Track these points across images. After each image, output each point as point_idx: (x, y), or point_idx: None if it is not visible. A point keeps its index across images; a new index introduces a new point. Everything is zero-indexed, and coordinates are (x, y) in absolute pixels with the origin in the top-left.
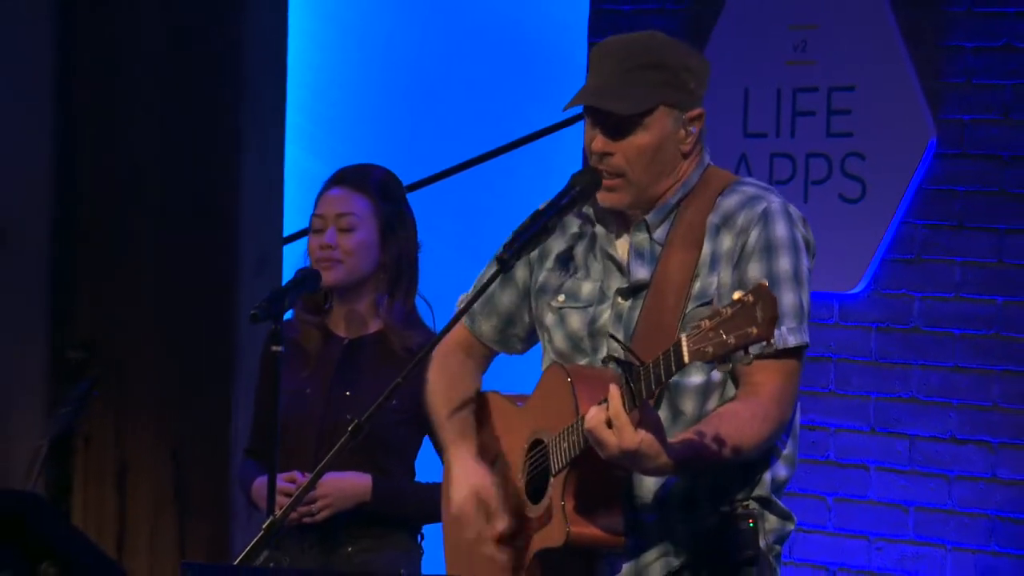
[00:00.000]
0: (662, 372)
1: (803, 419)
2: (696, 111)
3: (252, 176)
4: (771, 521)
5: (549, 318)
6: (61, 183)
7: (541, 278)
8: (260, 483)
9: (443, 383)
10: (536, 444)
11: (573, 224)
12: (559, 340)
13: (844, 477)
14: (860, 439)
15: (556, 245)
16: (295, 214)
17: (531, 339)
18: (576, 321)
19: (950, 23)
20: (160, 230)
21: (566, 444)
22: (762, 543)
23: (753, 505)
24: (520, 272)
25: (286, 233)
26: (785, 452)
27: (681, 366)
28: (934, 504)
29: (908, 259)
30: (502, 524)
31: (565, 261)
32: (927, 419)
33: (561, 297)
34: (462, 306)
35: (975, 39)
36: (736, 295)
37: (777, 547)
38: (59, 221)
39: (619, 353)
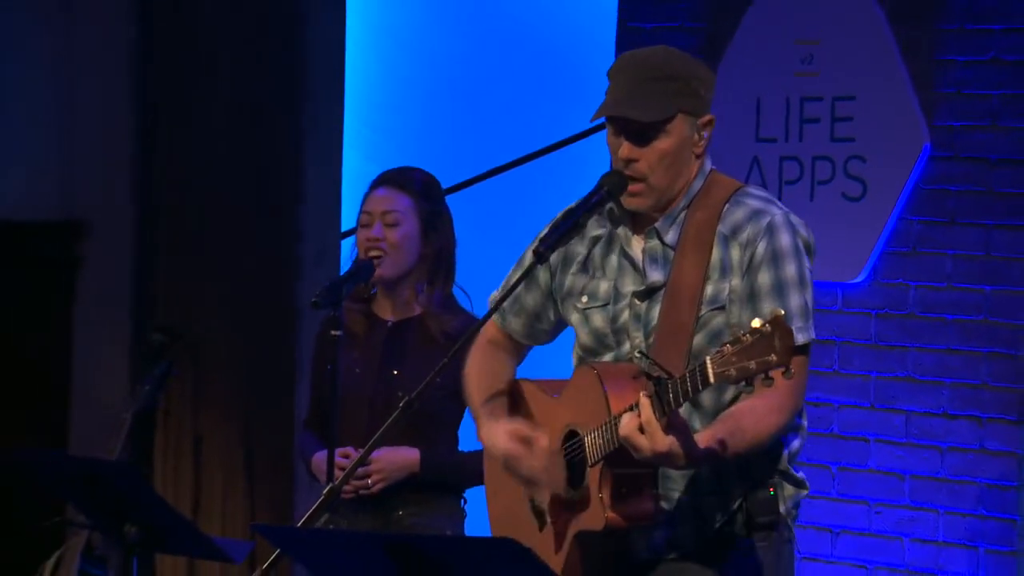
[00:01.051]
0: (688, 388)
1: (809, 396)
2: (707, 117)
3: (313, 177)
4: (788, 489)
5: (575, 318)
6: (142, 182)
7: (567, 283)
8: (319, 457)
9: (478, 374)
10: (572, 435)
11: (593, 229)
12: (585, 337)
13: (846, 448)
14: (861, 414)
15: (577, 251)
16: (351, 212)
17: (556, 332)
18: (599, 319)
19: (943, 39)
20: (231, 226)
21: (601, 440)
22: (782, 508)
23: (775, 478)
24: (543, 275)
25: (343, 229)
26: (800, 427)
27: (707, 385)
28: (928, 473)
29: (905, 252)
30: (544, 442)
31: (585, 265)
32: (922, 396)
33: (584, 299)
34: (495, 301)
35: (965, 53)
36: (755, 323)
37: (794, 511)
38: (140, 217)
39: (651, 369)
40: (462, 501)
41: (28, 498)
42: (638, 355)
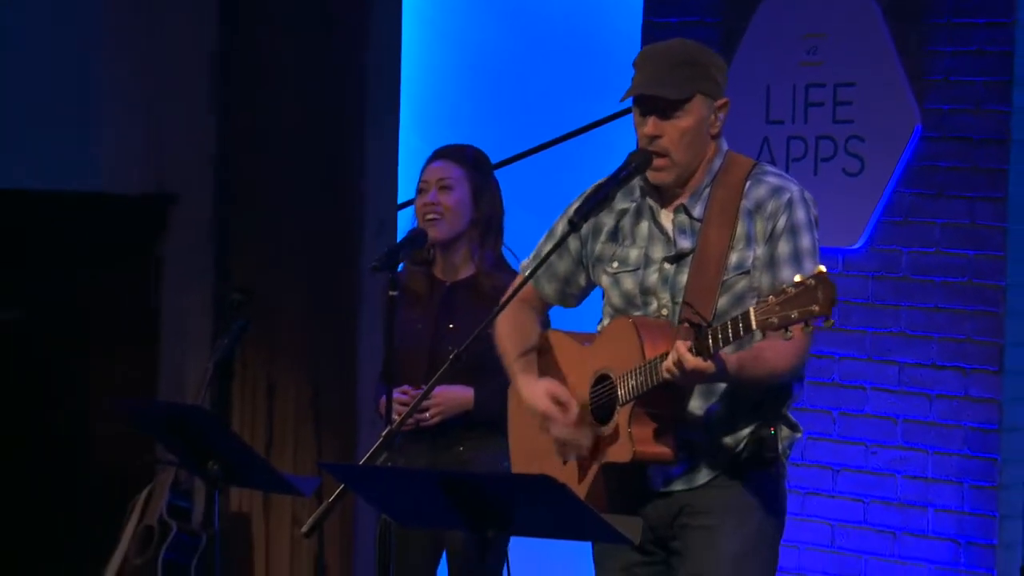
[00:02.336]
0: (730, 334)
1: (812, 349)
2: (723, 100)
3: (373, 155)
4: (785, 431)
5: (605, 281)
6: (221, 159)
7: (597, 250)
8: (384, 400)
9: (511, 330)
10: (602, 379)
11: (620, 203)
12: (615, 298)
13: (846, 396)
14: (859, 365)
15: (606, 222)
16: (407, 186)
17: (583, 295)
18: (629, 283)
19: (932, 32)
20: (301, 198)
21: (634, 382)
22: (780, 447)
23: (776, 420)
24: (573, 244)
25: (400, 201)
26: (801, 376)
27: (749, 331)
28: (918, 417)
29: (898, 221)
30: (575, 409)
31: (614, 234)
32: (913, 349)
33: (615, 264)
34: (527, 268)
35: (952, 45)
36: (798, 278)
37: (788, 450)
38: (221, 190)
39: (693, 317)
40: None
41: (125, 439)
42: (665, 311)
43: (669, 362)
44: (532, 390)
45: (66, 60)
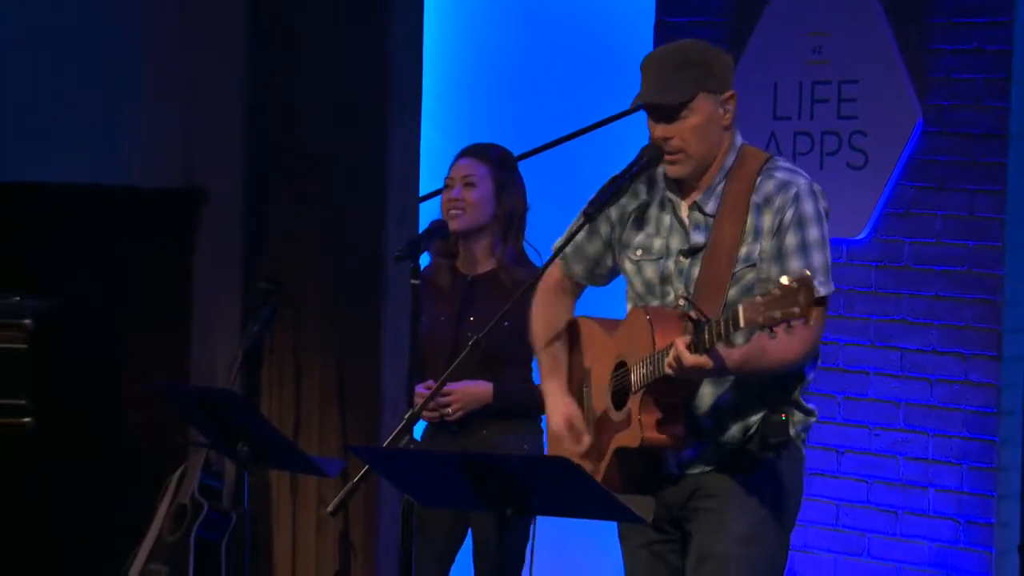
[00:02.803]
0: (722, 331)
1: None
2: (729, 93)
3: (396, 149)
4: (798, 416)
5: (628, 267)
6: (251, 154)
7: (623, 236)
8: (416, 390)
9: (541, 318)
10: (621, 365)
11: (645, 192)
12: (637, 285)
13: (850, 380)
14: (862, 351)
15: (634, 210)
16: (428, 179)
17: (611, 276)
18: (650, 271)
19: (933, 31)
20: (326, 192)
21: (644, 371)
22: (792, 431)
23: (786, 406)
24: (603, 227)
25: (421, 193)
26: (813, 363)
27: (738, 328)
28: (920, 401)
29: (900, 213)
30: (587, 441)
31: (640, 221)
32: (914, 336)
33: (639, 251)
34: (557, 248)
35: (953, 43)
36: (784, 280)
37: (803, 434)
38: (250, 184)
39: (692, 312)
40: (539, 423)
41: (159, 422)
42: (683, 301)
43: (670, 358)
44: (554, 403)
45: (106, 62)
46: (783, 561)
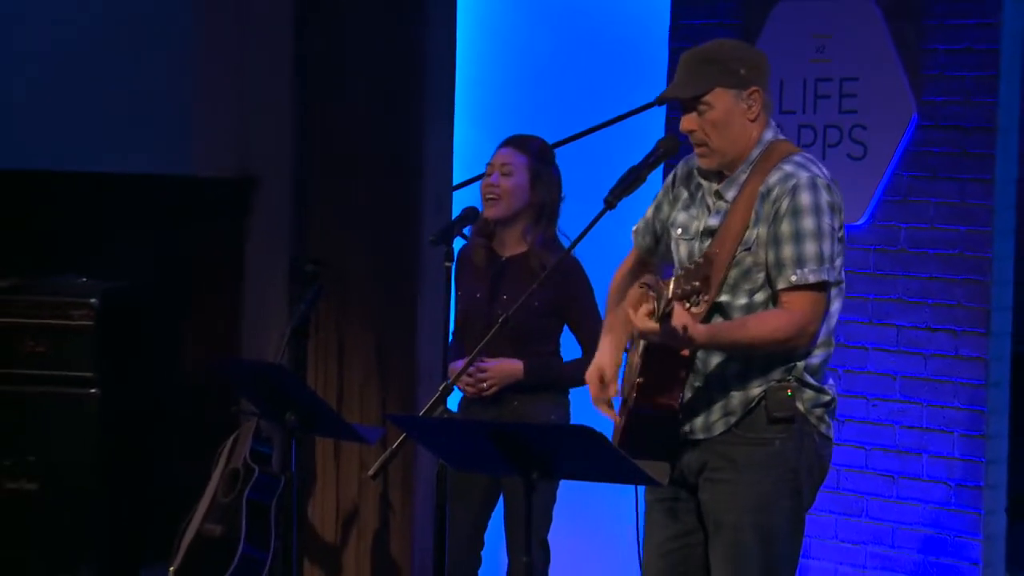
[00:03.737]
0: (663, 304)
1: None
2: (751, 89)
3: (432, 141)
4: (807, 393)
5: (672, 244)
6: (299, 144)
7: (672, 216)
8: (451, 366)
9: (614, 286)
10: None
11: (694, 178)
12: (677, 261)
13: (850, 355)
14: (861, 328)
15: (682, 193)
16: (461, 168)
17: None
18: (684, 249)
19: (928, 32)
20: (368, 179)
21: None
22: (800, 407)
23: (792, 382)
24: (665, 207)
25: (455, 182)
26: (818, 345)
27: (668, 299)
28: (914, 374)
29: (897, 200)
30: (612, 391)
31: (686, 205)
32: (909, 313)
33: (679, 231)
34: (638, 231)
35: (945, 43)
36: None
37: (818, 410)
38: (298, 173)
39: (655, 286)
40: (567, 395)
41: (215, 393)
42: (678, 277)
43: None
44: (597, 355)
45: (169, 65)
46: (796, 529)
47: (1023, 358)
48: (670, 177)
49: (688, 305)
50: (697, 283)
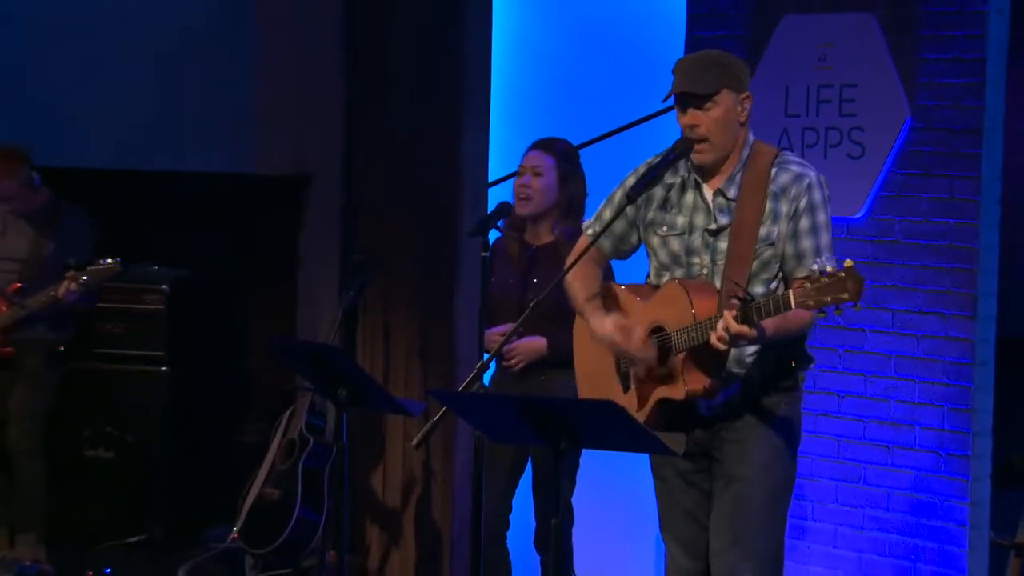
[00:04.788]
0: (772, 309)
1: None
2: (746, 94)
3: (469, 141)
4: (803, 363)
5: (655, 241)
6: (349, 145)
7: (649, 216)
8: (487, 332)
9: (580, 279)
10: (657, 330)
11: (668, 178)
12: (663, 256)
13: (850, 336)
14: (859, 312)
15: (658, 193)
16: (496, 167)
17: (633, 251)
18: (676, 244)
19: (920, 43)
20: (412, 178)
21: (686, 336)
22: (799, 375)
23: (796, 354)
24: (630, 210)
25: (490, 179)
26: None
27: (788, 309)
28: (908, 353)
29: (892, 195)
30: (639, 335)
31: (664, 203)
32: (903, 299)
33: (664, 228)
34: (589, 227)
35: (936, 53)
36: (830, 268)
37: (803, 376)
38: (348, 172)
39: (739, 291)
40: None
41: (273, 371)
42: (735, 284)
43: (719, 330)
44: (602, 323)
45: (235, 74)
46: (792, 483)
47: (1006, 340)
48: (631, 181)
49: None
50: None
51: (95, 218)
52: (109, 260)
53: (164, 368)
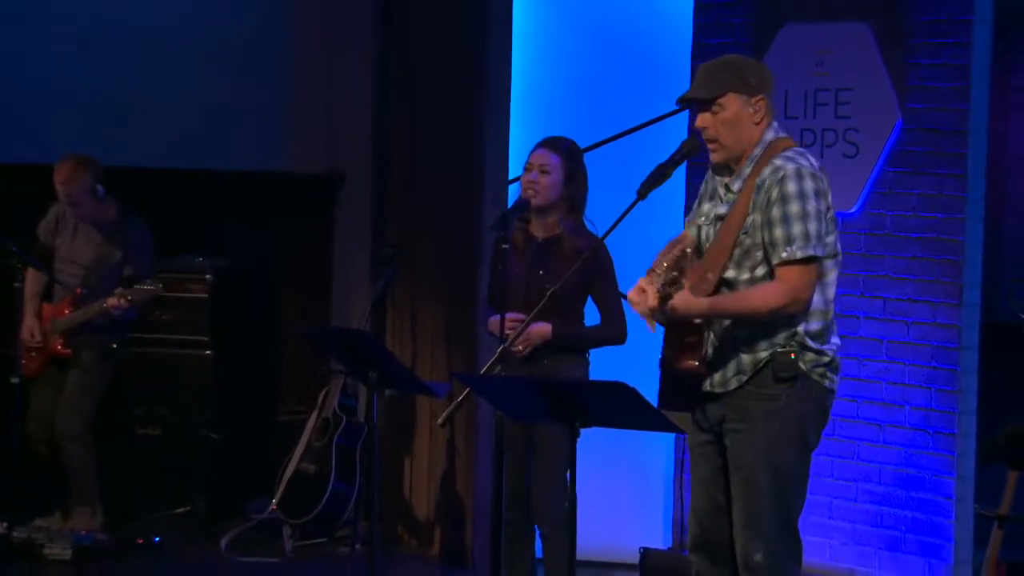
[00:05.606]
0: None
1: None
2: (759, 96)
3: (489, 141)
4: (808, 355)
5: (698, 230)
6: (378, 144)
7: (702, 206)
8: (492, 320)
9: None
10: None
11: (712, 174)
12: (699, 243)
13: (844, 323)
14: (853, 300)
15: (710, 186)
16: (516, 166)
17: None
18: (703, 233)
19: (911, 50)
20: (437, 175)
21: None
22: (803, 367)
23: (794, 346)
24: (696, 206)
25: (510, 178)
26: (815, 313)
27: (673, 284)
28: (898, 338)
29: (884, 191)
30: (650, 298)
31: (710, 196)
32: (894, 287)
33: (702, 218)
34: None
35: (926, 59)
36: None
37: (819, 369)
38: (377, 168)
39: (665, 275)
40: (588, 356)
41: (308, 354)
42: (706, 269)
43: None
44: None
45: (266, 74)
46: (803, 470)
47: (990, 325)
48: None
49: (672, 290)
50: (675, 274)
51: (145, 215)
52: (150, 284)
53: (208, 352)
